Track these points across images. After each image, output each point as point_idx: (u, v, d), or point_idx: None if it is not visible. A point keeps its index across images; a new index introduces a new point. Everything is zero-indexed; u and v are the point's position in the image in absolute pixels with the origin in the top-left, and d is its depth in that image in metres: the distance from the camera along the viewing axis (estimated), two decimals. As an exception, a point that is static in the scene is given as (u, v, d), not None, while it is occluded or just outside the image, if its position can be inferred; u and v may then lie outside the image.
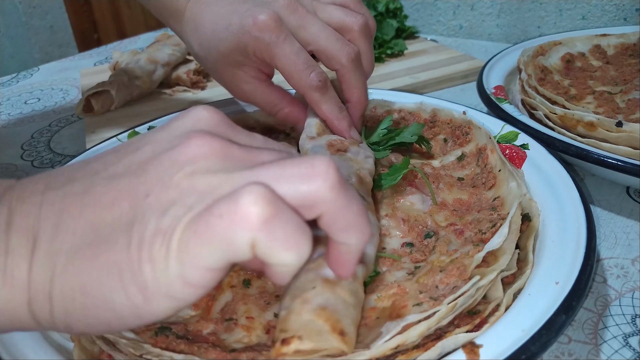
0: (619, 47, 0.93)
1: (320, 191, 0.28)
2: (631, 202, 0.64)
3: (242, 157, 0.30)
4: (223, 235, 0.26)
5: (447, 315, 0.39)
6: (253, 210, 0.26)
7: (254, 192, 0.26)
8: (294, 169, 0.29)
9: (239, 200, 0.26)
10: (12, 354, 0.40)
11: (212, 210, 0.26)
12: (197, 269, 0.27)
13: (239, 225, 0.26)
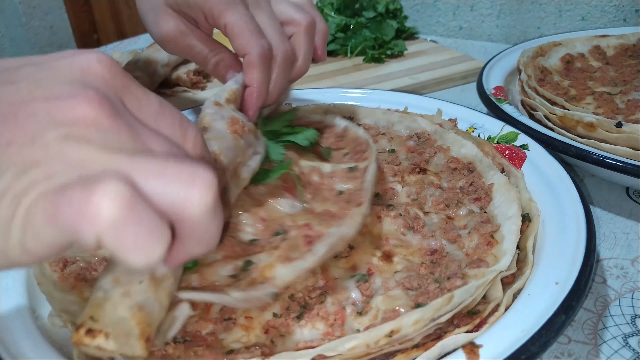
0: (619, 47, 0.93)
1: (191, 210, 0.26)
2: (631, 202, 0.64)
3: (127, 135, 0.27)
4: (69, 223, 0.24)
5: (444, 307, 0.39)
6: (104, 209, 0.24)
7: (111, 189, 0.24)
8: (174, 173, 0.26)
9: (94, 193, 0.24)
10: (12, 354, 0.40)
11: (65, 193, 0.24)
12: (39, 243, 0.25)
13: (86, 219, 0.24)
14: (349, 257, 0.49)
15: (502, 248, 0.47)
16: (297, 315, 0.43)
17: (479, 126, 0.69)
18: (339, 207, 0.49)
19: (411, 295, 0.44)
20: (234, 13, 0.54)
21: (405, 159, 0.64)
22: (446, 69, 1.02)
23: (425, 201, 0.57)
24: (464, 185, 0.59)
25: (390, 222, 0.53)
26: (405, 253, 0.50)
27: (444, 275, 0.45)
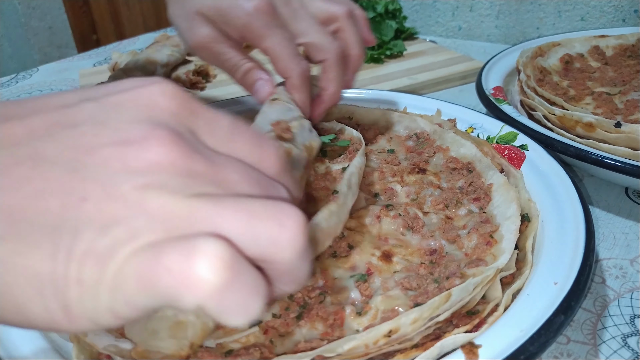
0: (618, 48, 0.93)
1: (282, 255, 0.25)
2: (630, 202, 0.64)
3: (204, 172, 0.25)
4: (167, 291, 0.23)
5: (442, 306, 0.39)
6: (208, 278, 0.22)
7: (211, 253, 0.22)
8: (261, 217, 0.25)
9: (193, 259, 0.22)
10: (10, 355, 0.40)
11: (160, 259, 0.22)
12: (131, 308, 0.24)
13: (187, 287, 0.22)
14: (348, 257, 0.49)
15: (501, 248, 0.47)
16: (296, 316, 0.43)
17: (478, 126, 0.69)
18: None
19: (410, 296, 0.44)
20: (273, 38, 0.56)
21: (405, 159, 0.64)
22: (445, 69, 1.02)
23: (424, 201, 0.57)
24: (463, 185, 0.59)
25: (389, 222, 0.53)
26: (405, 253, 0.50)
27: (443, 275, 0.45)
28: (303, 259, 0.26)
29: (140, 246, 0.23)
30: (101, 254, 0.23)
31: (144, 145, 0.25)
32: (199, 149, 0.26)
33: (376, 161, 0.63)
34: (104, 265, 0.23)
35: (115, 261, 0.23)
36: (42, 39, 2.33)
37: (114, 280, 0.23)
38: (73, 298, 0.23)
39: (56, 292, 0.23)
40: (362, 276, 0.47)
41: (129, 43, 1.42)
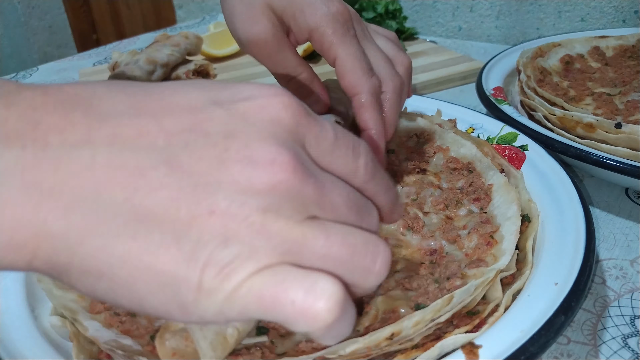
0: (618, 48, 0.93)
1: (368, 286, 0.29)
2: (630, 203, 0.64)
3: (313, 196, 0.28)
4: (284, 316, 0.26)
5: (444, 308, 0.39)
6: (324, 316, 0.26)
7: (331, 296, 0.26)
8: (360, 258, 0.28)
9: (316, 299, 0.25)
10: (11, 354, 0.40)
11: (287, 291, 0.25)
12: (239, 316, 0.27)
13: (304, 320, 0.26)
14: (349, 258, 0.49)
15: (501, 248, 0.47)
16: (297, 316, 0.43)
17: (479, 126, 0.69)
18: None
19: (410, 296, 0.44)
20: (347, 47, 0.50)
21: (405, 159, 0.64)
22: (445, 70, 1.02)
23: (424, 201, 0.57)
24: (463, 186, 0.59)
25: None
26: (405, 253, 0.50)
27: (444, 275, 0.45)
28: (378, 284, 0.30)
29: (261, 267, 0.26)
30: (223, 266, 0.25)
31: (269, 169, 0.26)
32: (311, 171, 0.28)
33: (376, 161, 0.63)
34: (225, 278, 0.25)
35: (236, 276, 0.25)
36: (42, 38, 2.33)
37: (233, 292, 0.26)
38: (190, 299, 0.26)
39: (176, 291, 0.26)
40: None
41: (129, 42, 1.42)
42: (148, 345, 0.40)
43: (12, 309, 0.45)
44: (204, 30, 1.33)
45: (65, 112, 0.26)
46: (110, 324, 0.42)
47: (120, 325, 0.42)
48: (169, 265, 0.25)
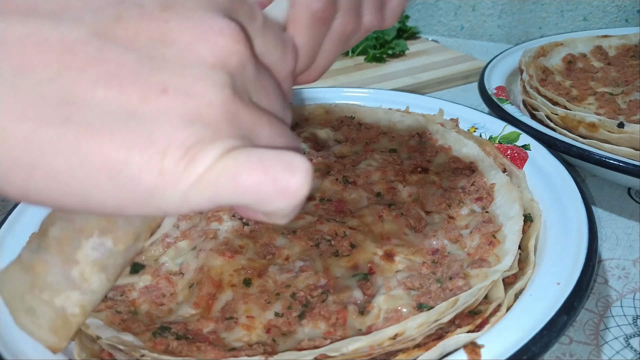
0: (620, 48, 0.93)
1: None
2: (632, 203, 0.64)
3: (253, 78, 0.26)
4: (265, 197, 0.24)
5: (448, 310, 0.39)
6: (303, 191, 0.24)
7: (309, 172, 0.24)
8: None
9: (296, 176, 0.24)
10: (13, 354, 0.40)
11: (268, 169, 0.23)
12: (209, 202, 0.24)
13: (286, 198, 0.24)
14: (350, 256, 0.49)
15: (504, 248, 0.47)
16: (299, 315, 0.43)
17: (481, 126, 0.69)
18: None
19: (413, 295, 0.44)
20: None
21: (407, 159, 0.64)
22: (448, 69, 1.02)
23: (426, 200, 0.57)
24: (465, 185, 0.58)
25: (391, 221, 0.53)
26: (407, 252, 0.50)
27: (446, 275, 0.45)
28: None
29: (229, 148, 0.23)
30: (187, 148, 0.23)
31: (220, 40, 0.24)
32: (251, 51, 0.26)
33: (378, 160, 0.63)
34: (190, 161, 0.23)
35: (204, 159, 0.23)
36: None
37: (202, 177, 0.23)
38: (148, 187, 0.23)
39: (129, 181, 0.22)
40: (364, 275, 0.47)
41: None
42: (149, 342, 0.40)
43: (14, 307, 0.45)
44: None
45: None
46: (112, 321, 0.43)
47: (121, 323, 0.42)
48: (118, 151, 0.22)
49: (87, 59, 0.22)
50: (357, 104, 0.76)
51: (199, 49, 0.24)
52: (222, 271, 0.47)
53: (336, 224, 0.52)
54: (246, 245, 0.50)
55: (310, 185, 0.24)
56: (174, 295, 0.47)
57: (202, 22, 0.24)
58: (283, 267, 0.48)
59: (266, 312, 0.44)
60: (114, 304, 0.45)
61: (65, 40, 0.22)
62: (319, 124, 0.73)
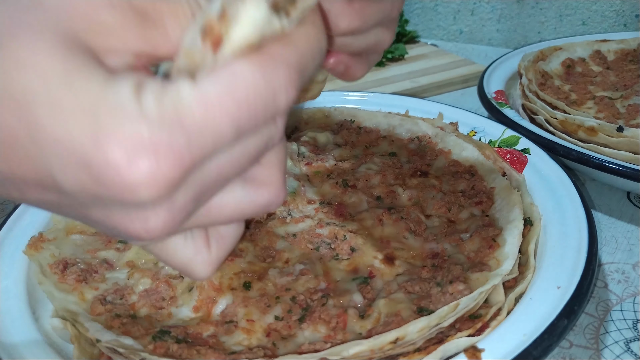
0: (619, 52, 0.93)
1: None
2: (632, 207, 0.64)
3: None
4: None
5: (449, 315, 0.39)
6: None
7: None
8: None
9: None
10: (11, 356, 0.40)
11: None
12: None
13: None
14: (350, 260, 0.49)
15: (504, 252, 0.47)
16: (299, 318, 0.43)
17: (480, 130, 0.69)
18: None
19: (413, 299, 0.44)
20: None
21: (406, 162, 0.64)
22: (447, 73, 1.02)
23: (426, 204, 0.57)
24: (465, 189, 0.58)
25: (391, 225, 0.53)
26: (407, 256, 0.50)
27: (446, 278, 0.45)
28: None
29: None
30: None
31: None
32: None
33: (378, 164, 0.63)
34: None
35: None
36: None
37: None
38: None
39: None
40: (364, 279, 0.47)
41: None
42: (149, 345, 0.40)
43: (13, 311, 0.45)
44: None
45: None
46: (111, 325, 0.42)
47: (121, 327, 0.42)
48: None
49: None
50: (357, 108, 0.76)
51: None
52: (221, 274, 0.47)
53: (336, 228, 0.52)
54: (246, 248, 0.50)
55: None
56: (174, 298, 0.46)
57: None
58: (283, 271, 0.48)
59: (266, 316, 0.44)
60: (113, 307, 0.45)
61: None
62: (319, 128, 0.73)
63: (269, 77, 0.24)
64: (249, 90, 0.24)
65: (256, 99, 0.24)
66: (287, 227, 0.53)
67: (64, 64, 0.22)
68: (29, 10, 0.23)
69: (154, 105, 0.22)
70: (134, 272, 0.49)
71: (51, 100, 0.22)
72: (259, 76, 0.24)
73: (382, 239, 0.52)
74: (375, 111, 0.74)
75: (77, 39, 0.23)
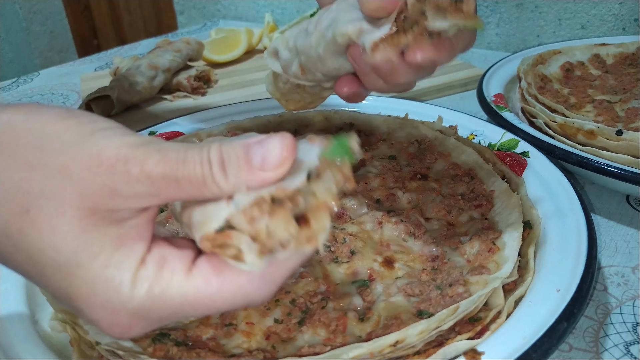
0: (618, 56, 0.93)
1: None
2: (631, 210, 0.64)
3: None
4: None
5: (449, 318, 0.39)
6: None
7: None
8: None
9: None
10: (7, 354, 0.40)
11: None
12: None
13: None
14: (350, 263, 0.49)
15: (503, 255, 0.47)
16: (299, 321, 0.43)
17: (480, 133, 0.69)
18: None
19: (413, 302, 0.44)
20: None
21: (406, 165, 0.64)
22: (446, 76, 1.02)
23: (426, 207, 0.57)
24: (464, 192, 0.59)
25: (391, 228, 0.53)
26: (407, 259, 0.50)
27: (446, 281, 0.45)
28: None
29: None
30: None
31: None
32: None
33: (378, 167, 0.63)
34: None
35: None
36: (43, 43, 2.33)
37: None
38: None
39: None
40: (364, 282, 0.47)
41: (130, 48, 1.43)
42: (149, 348, 0.40)
43: (13, 313, 0.45)
44: (206, 36, 1.34)
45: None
46: (111, 328, 0.42)
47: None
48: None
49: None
50: (357, 111, 0.76)
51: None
52: (221, 277, 0.47)
53: (336, 231, 0.52)
54: (245, 251, 0.50)
55: None
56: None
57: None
58: (283, 274, 0.48)
59: (266, 319, 0.44)
60: (113, 310, 0.44)
61: None
62: (319, 131, 0.73)
63: (256, 296, 0.29)
64: (230, 302, 0.29)
65: (233, 308, 0.29)
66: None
67: (77, 237, 0.27)
68: (56, 179, 0.27)
69: (146, 290, 0.27)
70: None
71: (56, 264, 0.27)
72: (248, 291, 0.29)
73: (382, 242, 0.52)
74: (375, 114, 0.74)
75: (97, 210, 0.28)
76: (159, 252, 0.29)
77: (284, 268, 0.29)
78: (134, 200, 0.28)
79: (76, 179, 0.27)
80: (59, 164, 0.27)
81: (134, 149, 0.27)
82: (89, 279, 0.27)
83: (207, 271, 0.28)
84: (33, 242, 0.27)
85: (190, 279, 0.28)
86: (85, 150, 0.27)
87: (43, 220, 0.27)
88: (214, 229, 0.27)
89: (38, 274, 0.28)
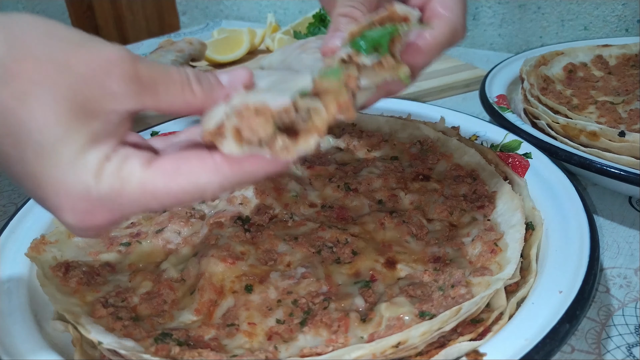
0: (621, 57, 0.93)
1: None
2: (633, 211, 0.64)
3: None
4: None
5: (451, 319, 0.39)
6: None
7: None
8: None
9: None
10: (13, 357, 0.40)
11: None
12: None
13: None
14: (352, 264, 0.49)
15: (505, 256, 0.47)
16: (301, 322, 0.43)
17: (482, 134, 0.69)
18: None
19: (415, 303, 0.44)
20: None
21: (408, 166, 0.64)
22: (449, 77, 1.02)
23: (428, 208, 0.57)
24: (467, 193, 0.59)
25: (393, 228, 0.53)
26: (409, 260, 0.50)
27: (448, 283, 0.45)
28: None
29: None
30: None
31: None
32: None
33: (380, 168, 0.63)
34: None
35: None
36: (46, 43, 2.34)
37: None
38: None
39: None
40: (366, 283, 0.47)
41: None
42: (151, 347, 0.40)
43: (15, 313, 0.45)
44: (208, 37, 1.34)
45: None
46: (113, 327, 0.42)
47: (122, 329, 0.42)
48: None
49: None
50: (359, 112, 0.76)
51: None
52: (223, 277, 0.47)
53: (338, 231, 0.52)
54: (248, 251, 0.50)
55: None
56: (175, 301, 0.47)
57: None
58: (285, 274, 0.48)
59: (268, 319, 0.44)
60: (115, 310, 0.45)
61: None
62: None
63: (209, 185, 0.32)
64: (184, 188, 0.32)
65: (191, 198, 0.32)
66: (288, 230, 0.53)
67: (61, 125, 0.30)
68: (56, 70, 0.30)
69: (109, 181, 0.31)
70: (135, 275, 0.49)
71: (38, 146, 0.30)
72: (202, 179, 0.32)
73: (384, 242, 0.52)
74: (377, 115, 0.74)
75: (84, 104, 0.31)
76: (124, 151, 0.32)
77: (242, 170, 0.33)
78: (120, 99, 0.31)
79: (74, 72, 0.30)
80: (62, 58, 0.30)
81: (129, 52, 0.32)
82: (61, 166, 0.30)
83: (165, 164, 0.32)
84: (24, 122, 0.30)
85: (149, 171, 0.31)
86: (87, 47, 0.31)
87: (37, 105, 0.30)
88: (214, 125, 0.32)
89: (18, 158, 0.31)
